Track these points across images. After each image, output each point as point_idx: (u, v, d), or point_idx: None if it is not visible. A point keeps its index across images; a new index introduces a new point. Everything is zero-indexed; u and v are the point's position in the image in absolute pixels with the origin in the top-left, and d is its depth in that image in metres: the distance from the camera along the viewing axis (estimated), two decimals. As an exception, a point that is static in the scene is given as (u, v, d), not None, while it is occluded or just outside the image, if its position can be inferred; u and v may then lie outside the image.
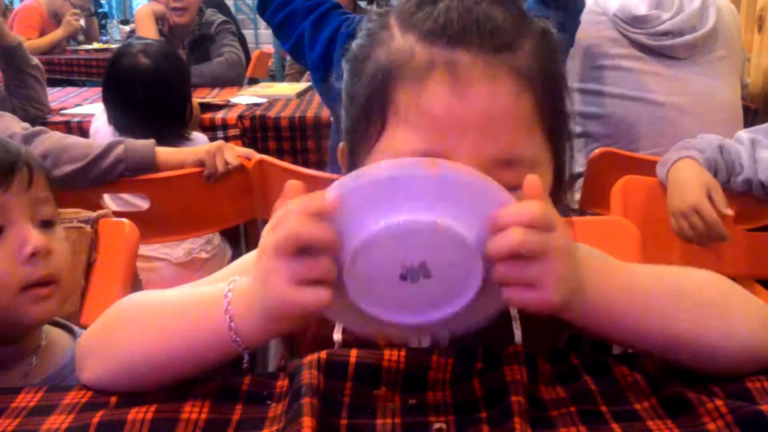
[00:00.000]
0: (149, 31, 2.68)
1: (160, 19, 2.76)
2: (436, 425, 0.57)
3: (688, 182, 1.28)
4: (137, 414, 0.59)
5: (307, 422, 0.55)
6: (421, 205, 0.51)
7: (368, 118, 0.63)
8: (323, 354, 0.63)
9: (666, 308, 0.61)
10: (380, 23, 0.66)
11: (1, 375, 0.82)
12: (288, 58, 4.22)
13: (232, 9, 5.01)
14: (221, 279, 0.70)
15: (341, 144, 0.70)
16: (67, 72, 4.13)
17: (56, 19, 4.66)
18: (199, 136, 1.89)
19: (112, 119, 1.80)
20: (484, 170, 0.57)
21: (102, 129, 1.85)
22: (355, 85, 0.66)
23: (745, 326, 0.62)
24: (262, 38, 5.71)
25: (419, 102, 0.60)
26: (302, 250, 0.52)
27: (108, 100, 1.83)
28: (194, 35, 2.87)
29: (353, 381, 0.62)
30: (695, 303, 0.62)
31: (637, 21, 1.75)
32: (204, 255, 1.81)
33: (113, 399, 0.63)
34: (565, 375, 0.65)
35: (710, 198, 1.26)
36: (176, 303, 0.64)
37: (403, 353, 0.62)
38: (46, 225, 0.82)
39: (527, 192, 0.53)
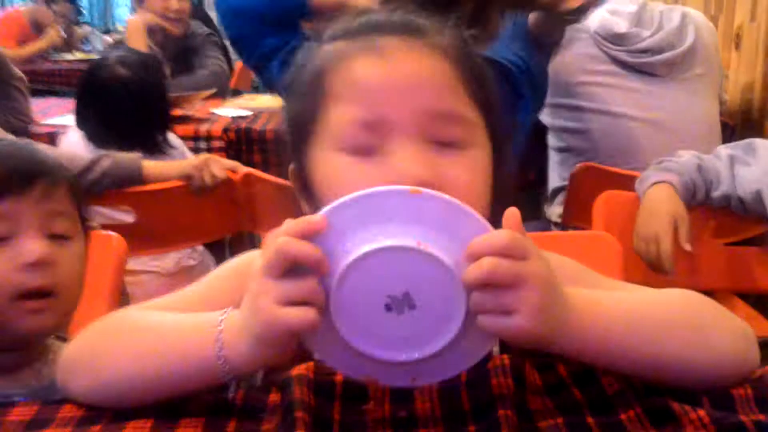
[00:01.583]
0: (139, 44, 2.67)
1: (151, 30, 2.74)
2: (426, 435, 0.59)
3: (659, 210, 1.32)
4: (134, 429, 0.60)
5: (300, 435, 0.56)
6: (404, 230, 0.52)
7: (306, 118, 0.66)
8: (310, 371, 0.64)
9: (652, 334, 0.62)
10: (307, 52, 0.70)
11: (10, 379, 0.84)
12: (254, 68, 4.24)
13: (215, 20, 5.01)
14: (200, 294, 0.71)
15: (291, 166, 0.71)
16: (49, 82, 4.12)
17: (37, 28, 4.64)
18: (176, 143, 1.89)
19: (88, 134, 1.78)
20: (425, 126, 0.61)
21: (75, 145, 1.81)
22: (290, 103, 0.71)
23: (722, 342, 0.64)
24: (245, 50, 5.72)
25: (350, 78, 0.64)
26: (291, 271, 0.53)
27: (84, 115, 1.80)
28: (178, 47, 2.87)
29: (341, 399, 0.64)
30: (678, 326, 0.63)
31: (617, 38, 1.79)
32: (192, 262, 1.82)
33: (108, 414, 0.64)
34: (552, 386, 0.66)
35: (676, 229, 1.30)
36: (166, 326, 0.64)
37: None
38: (59, 238, 0.83)
39: (505, 224, 0.54)
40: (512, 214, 0.55)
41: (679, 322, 0.63)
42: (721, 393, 0.63)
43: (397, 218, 0.53)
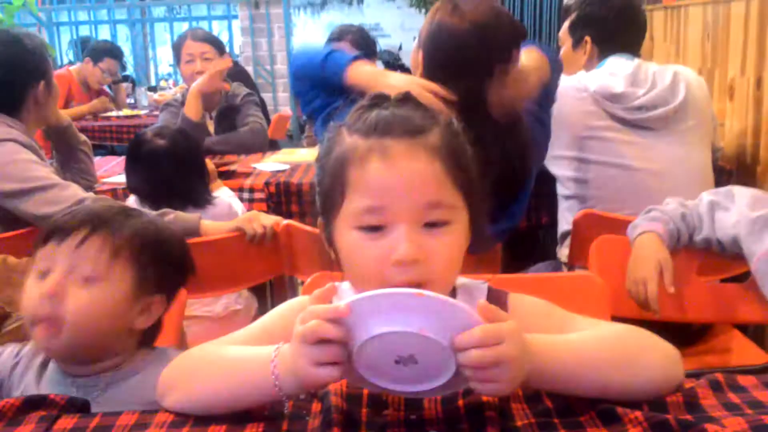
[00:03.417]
0: (195, 110, 2.91)
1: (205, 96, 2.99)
2: (431, 431, 0.79)
3: (647, 257, 1.49)
4: (213, 431, 0.82)
5: (336, 431, 0.77)
6: (410, 318, 0.71)
7: (333, 195, 0.87)
8: (343, 386, 0.85)
9: (596, 368, 0.82)
10: (335, 132, 0.90)
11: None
12: (306, 119, 4.54)
13: (252, 74, 5.33)
14: (260, 331, 0.93)
15: (319, 219, 0.92)
16: (100, 138, 4.43)
17: (87, 86, 4.98)
18: (221, 197, 2.13)
19: (140, 197, 2.03)
20: (417, 214, 0.82)
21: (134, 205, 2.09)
22: (322, 176, 0.90)
23: (652, 365, 0.84)
24: (280, 101, 6.04)
25: (363, 177, 0.83)
26: (321, 341, 0.73)
27: (134, 182, 2.06)
28: (221, 106, 3.14)
29: (367, 406, 0.85)
30: (616, 358, 0.83)
31: (614, 97, 1.99)
32: (238, 307, 2.05)
33: (191, 419, 0.85)
34: (530, 396, 0.86)
35: (662, 274, 1.47)
36: (236, 359, 0.86)
37: None
38: (86, 280, 1.01)
39: (481, 313, 0.73)
40: (483, 307, 0.74)
41: (616, 356, 0.83)
42: (657, 400, 0.83)
43: (404, 310, 0.71)
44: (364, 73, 1.70)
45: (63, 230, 1.03)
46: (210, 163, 2.40)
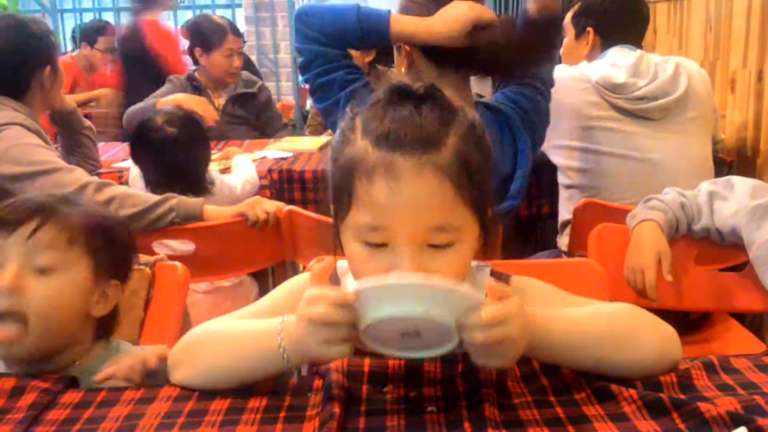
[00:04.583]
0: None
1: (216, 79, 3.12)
2: (429, 408, 0.81)
3: (645, 245, 1.50)
4: (217, 405, 0.84)
5: (337, 406, 0.79)
6: (417, 303, 0.74)
7: (341, 197, 0.85)
8: (345, 363, 0.87)
9: (593, 343, 0.84)
10: (350, 125, 0.86)
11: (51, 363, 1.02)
12: (308, 109, 4.55)
13: (256, 63, 5.33)
14: (265, 308, 0.95)
15: (332, 206, 0.89)
16: (103, 124, 4.43)
17: (88, 70, 4.99)
18: (221, 183, 2.14)
19: (146, 180, 2.05)
20: (421, 236, 0.81)
21: (136, 181, 2.12)
22: (333, 169, 0.87)
23: (648, 345, 0.86)
24: (283, 90, 6.05)
25: (368, 194, 0.81)
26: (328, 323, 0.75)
27: (140, 166, 2.09)
28: (237, 90, 3.21)
29: (367, 383, 0.86)
30: (613, 335, 0.85)
31: (616, 88, 2.00)
32: (226, 284, 2.06)
33: (196, 393, 0.87)
34: (526, 375, 0.88)
35: (660, 263, 1.48)
36: (244, 334, 0.88)
37: (403, 361, 0.88)
38: (42, 271, 0.98)
39: (491, 294, 0.75)
40: (493, 288, 0.76)
41: (614, 332, 0.85)
42: (651, 379, 0.85)
43: (411, 296, 0.74)
44: (407, 22, 1.65)
45: (9, 223, 0.99)
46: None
